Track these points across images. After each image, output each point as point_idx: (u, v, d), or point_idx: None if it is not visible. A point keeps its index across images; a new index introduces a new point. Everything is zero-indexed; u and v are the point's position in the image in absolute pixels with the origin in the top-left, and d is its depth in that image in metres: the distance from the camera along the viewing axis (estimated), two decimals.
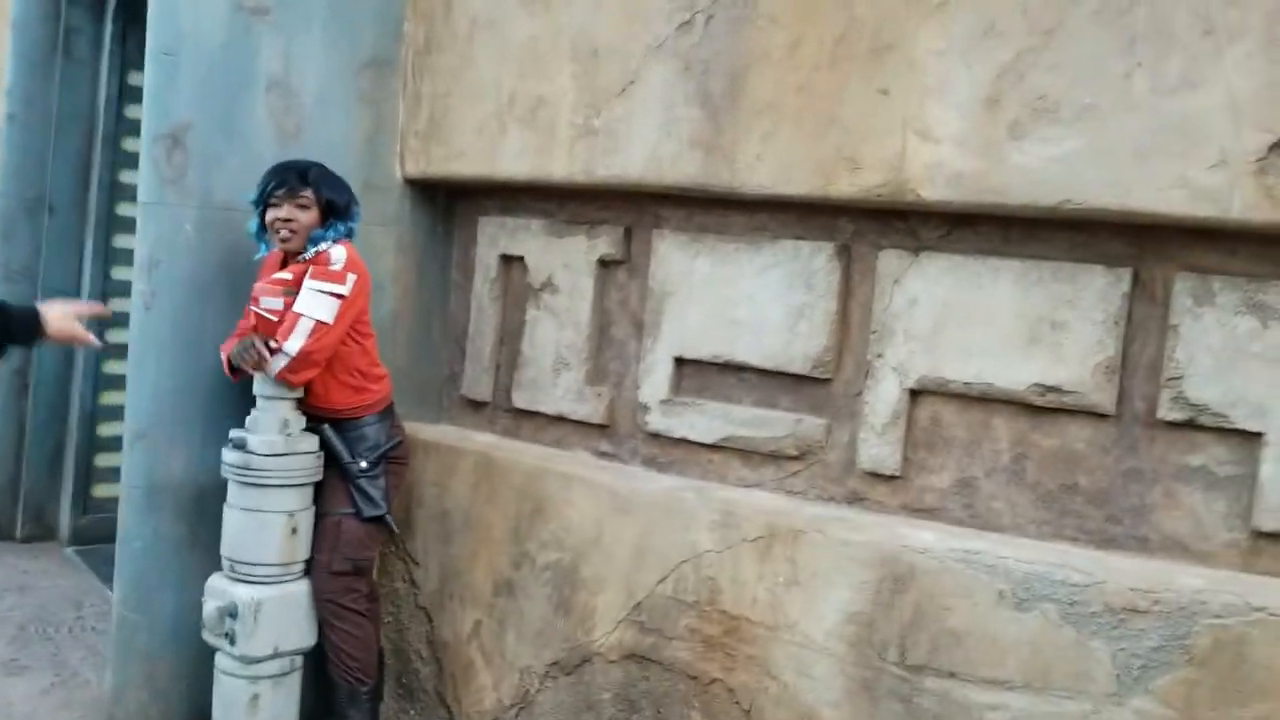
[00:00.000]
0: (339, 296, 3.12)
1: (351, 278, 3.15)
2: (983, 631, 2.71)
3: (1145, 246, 2.70)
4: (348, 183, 3.36)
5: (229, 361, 3.25)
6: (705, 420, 3.24)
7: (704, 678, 3.06)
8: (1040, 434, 2.84)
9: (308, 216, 3.20)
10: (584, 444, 3.54)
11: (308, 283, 3.11)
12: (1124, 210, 2.58)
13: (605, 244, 3.46)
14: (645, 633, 3.17)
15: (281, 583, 3.17)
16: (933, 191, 2.78)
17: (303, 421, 3.22)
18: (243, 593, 3.11)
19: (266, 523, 3.12)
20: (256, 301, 3.18)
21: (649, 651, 3.16)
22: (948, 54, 2.76)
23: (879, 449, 2.99)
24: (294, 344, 3.08)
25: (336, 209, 3.24)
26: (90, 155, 5.32)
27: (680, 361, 3.31)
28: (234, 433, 3.18)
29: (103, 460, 5.48)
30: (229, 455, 3.14)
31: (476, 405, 3.85)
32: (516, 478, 3.46)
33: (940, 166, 2.77)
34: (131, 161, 5.34)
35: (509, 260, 3.73)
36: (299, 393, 3.19)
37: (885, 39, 2.84)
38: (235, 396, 3.42)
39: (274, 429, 3.14)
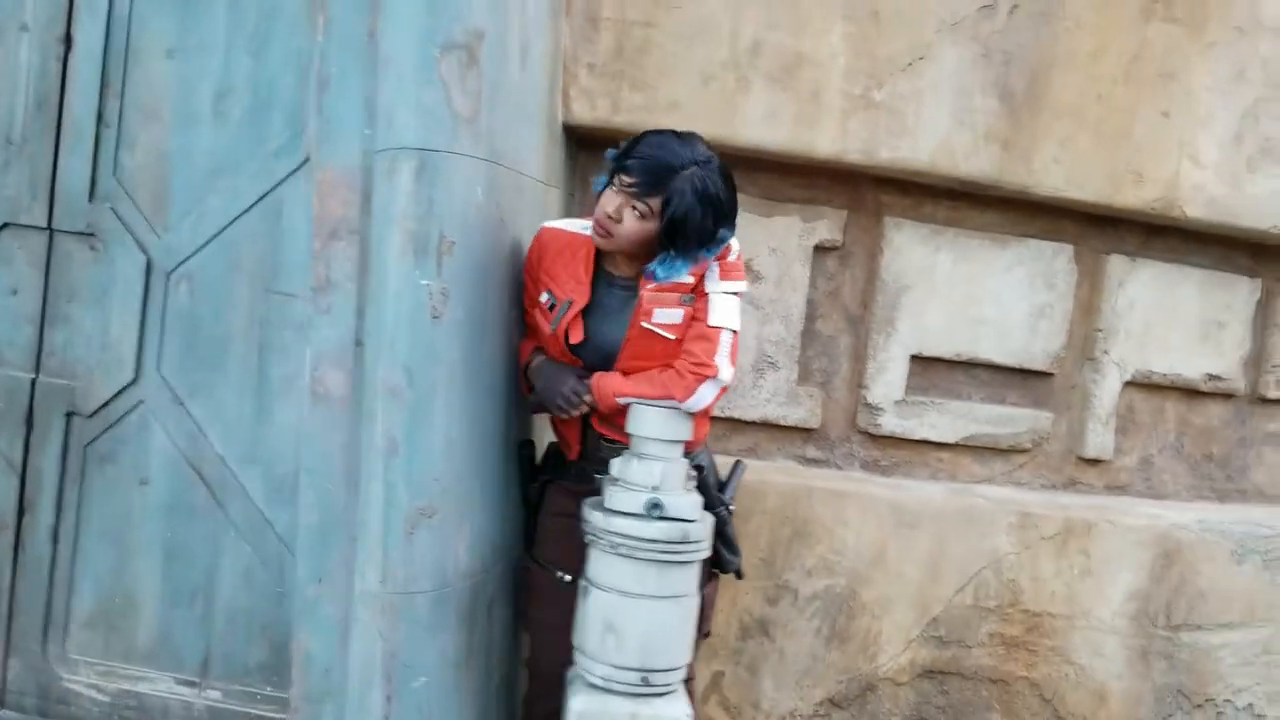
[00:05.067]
0: (741, 295, 2.34)
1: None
2: (1218, 586, 3.26)
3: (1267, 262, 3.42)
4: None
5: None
6: (948, 420, 3.14)
7: (1008, 679, 3.07)
8: (1194, 414, 3.44)
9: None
10: (785, 451, 3.11)
11: (717, 284, 2.26)
12: None
13: (826, 228, 3.05)
14: (944, 646, 3.03)
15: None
16: (1194, 210, 3.15)
17: None
18: (674, 712, 2.18)
19: (690, 610, 2.21)
20: (648, 315, 2.23)
21: (948, 665, 3.03)
22: (1214, 90, 3.13)
23: (1103, 437, 3.28)
24: (727, 368, 2.23)
25: None
26: None
27: (913, 359, 3.14)
28: (627, 494, 2.17)
29: None
30: (643, 529, 2.11)
31: None
32: (770, 500, 2.93)
33: (1202, 189, 3.15)
34: None
35: None
36: None
37: (1169, 65, 3.08)
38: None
39: (683, 483, 2.25)
